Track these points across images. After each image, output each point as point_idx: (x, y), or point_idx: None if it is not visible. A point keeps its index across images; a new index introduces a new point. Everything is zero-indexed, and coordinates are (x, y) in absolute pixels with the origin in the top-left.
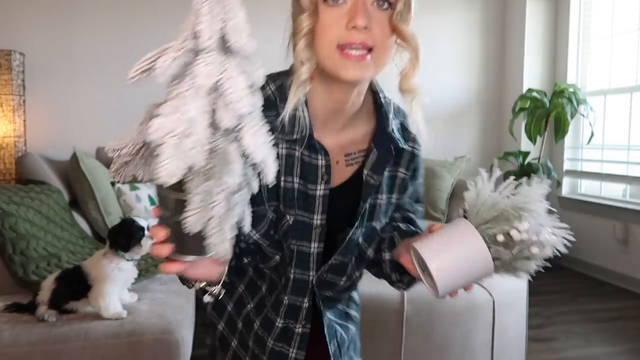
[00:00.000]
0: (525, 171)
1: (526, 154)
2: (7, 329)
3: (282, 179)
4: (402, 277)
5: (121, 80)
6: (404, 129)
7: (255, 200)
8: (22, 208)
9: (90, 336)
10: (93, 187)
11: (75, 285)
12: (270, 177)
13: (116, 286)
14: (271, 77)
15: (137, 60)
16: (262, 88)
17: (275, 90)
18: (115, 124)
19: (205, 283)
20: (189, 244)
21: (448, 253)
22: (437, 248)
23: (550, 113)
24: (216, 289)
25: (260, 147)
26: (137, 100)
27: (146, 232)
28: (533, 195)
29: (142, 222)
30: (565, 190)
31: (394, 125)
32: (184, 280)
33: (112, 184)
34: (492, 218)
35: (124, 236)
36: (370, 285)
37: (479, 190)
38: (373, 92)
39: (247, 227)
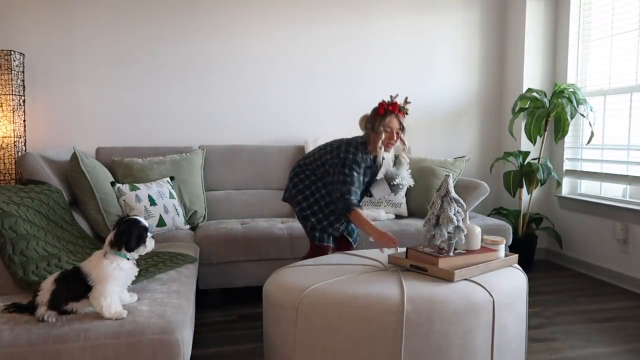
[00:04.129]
0: (525, 171)
1: (526, 154)
2: (7, 329)
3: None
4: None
5: (121, 80)
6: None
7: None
8: (22, 208)
9: (90, 336)
10: (93, 187)
11: (75, 286)
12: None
13: (117, 286)
14: (355, 141)
15: (136, 59)
16: (355, 147)
17: (360, 146)
18: (115, 124)
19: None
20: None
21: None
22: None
23: (550, 113)
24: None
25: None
26: (136, 100)
27: (149, 231)
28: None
29: (144, 221)
30: (565, 190)
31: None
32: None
33: (112, 183)
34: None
35: (133, 237)
36: (371, 286)
37: (389, 171)
38: None
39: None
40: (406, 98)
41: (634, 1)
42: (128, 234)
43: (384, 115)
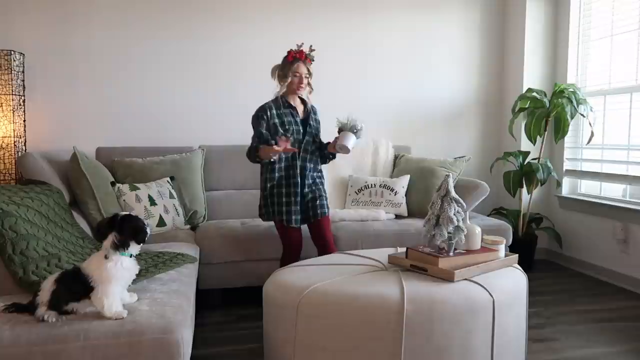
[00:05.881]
0: (525, 171)
1: (526, 153)
2: (7, 329)
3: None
4: (327, 155)
5: (121, 80)
6: (312, 107)
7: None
8: (22, 208)
9: (90, 336)
10: (93, 187)
11: (76, 287)
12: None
13: (119, 285)
14: (270, 102)
15: (136, 59)
16: (259, 107)
17: (267, 103)
18: (115, 124)
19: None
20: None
21: (346, 138)
22: (343, 138)
23: (550, 113)
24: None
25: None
26: (135, 100)
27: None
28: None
29: (132, 213)
30: (565, 190)
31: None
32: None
33: (112, 183)
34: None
35: (140, 231)
36: (371, 286)
37: (343, 121)
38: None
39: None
40: (310, 46)
41: (634, 1)
42: (136, 229)
43: (292, 62)
